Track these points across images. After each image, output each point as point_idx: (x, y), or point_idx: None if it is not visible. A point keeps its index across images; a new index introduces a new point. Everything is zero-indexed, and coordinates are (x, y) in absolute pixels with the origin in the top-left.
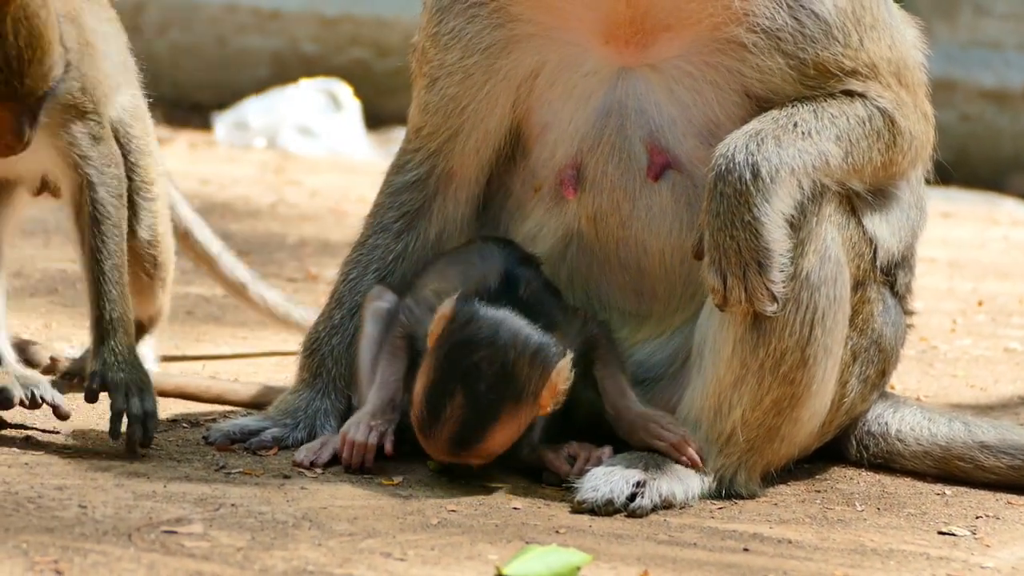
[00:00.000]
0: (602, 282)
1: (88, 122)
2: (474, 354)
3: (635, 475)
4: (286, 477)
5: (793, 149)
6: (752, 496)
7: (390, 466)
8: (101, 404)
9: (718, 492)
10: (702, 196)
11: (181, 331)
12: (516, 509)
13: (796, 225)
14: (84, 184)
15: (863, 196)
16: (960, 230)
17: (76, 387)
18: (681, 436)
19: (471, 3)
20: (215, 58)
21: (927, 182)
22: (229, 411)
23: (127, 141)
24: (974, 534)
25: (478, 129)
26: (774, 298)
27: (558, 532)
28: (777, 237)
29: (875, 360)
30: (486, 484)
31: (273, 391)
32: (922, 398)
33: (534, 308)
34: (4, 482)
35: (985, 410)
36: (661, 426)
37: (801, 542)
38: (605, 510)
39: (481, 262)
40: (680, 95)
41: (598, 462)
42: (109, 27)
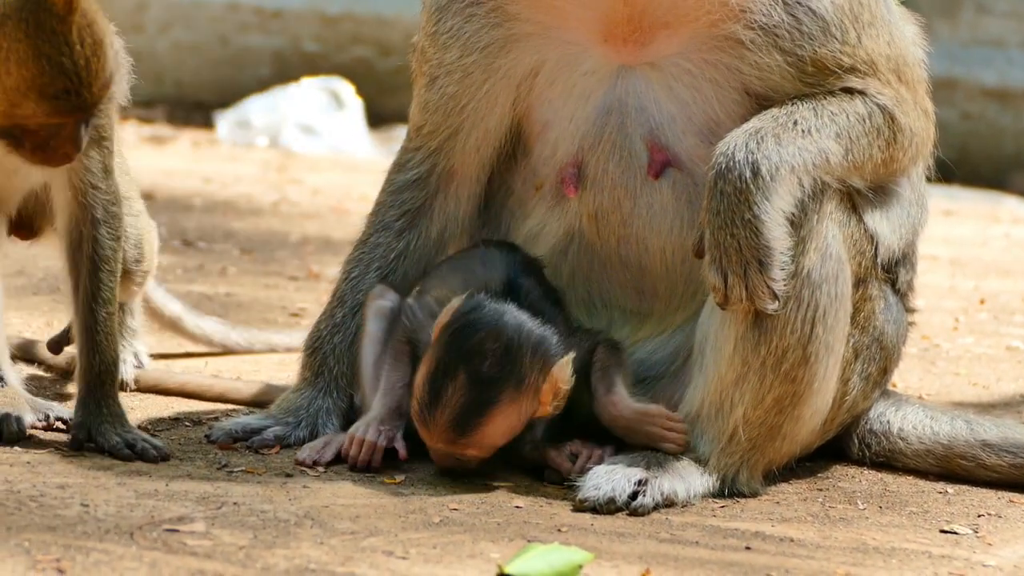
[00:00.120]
0: (603, 280)
1: (103, 150)
2: (477, 335)
3: (637, 473)
4: (288, 476)
5: (793, 147)
6: (754, 494)
7: (392, 465)
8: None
9: (720, 490)
10: (702, 194)
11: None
12: (518, 507)
13: (797, 223)
14: (88, 219)
15: (864, 193)
16: (962, 228)
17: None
18: (680, 431)
19: (468, 2)
20: (217, 57)
21: (928, 179)
22: (231, 410)
23: None
24: (976, 532)
25: (478, 127)
26: (775, 296)
27: (560, 530)
28: (778, 235)
29: (877, 358)
30: (488, 483)
31: (275, 389)
32: (924, 396)
33: (536, 315)
34: (6, 480)
35: (987, 408)
36: (657, 425)
37: (803, 540)
38: (607, 508)
39: (483, 269)
40: (680, 93)
41: (600, 460)
42: None
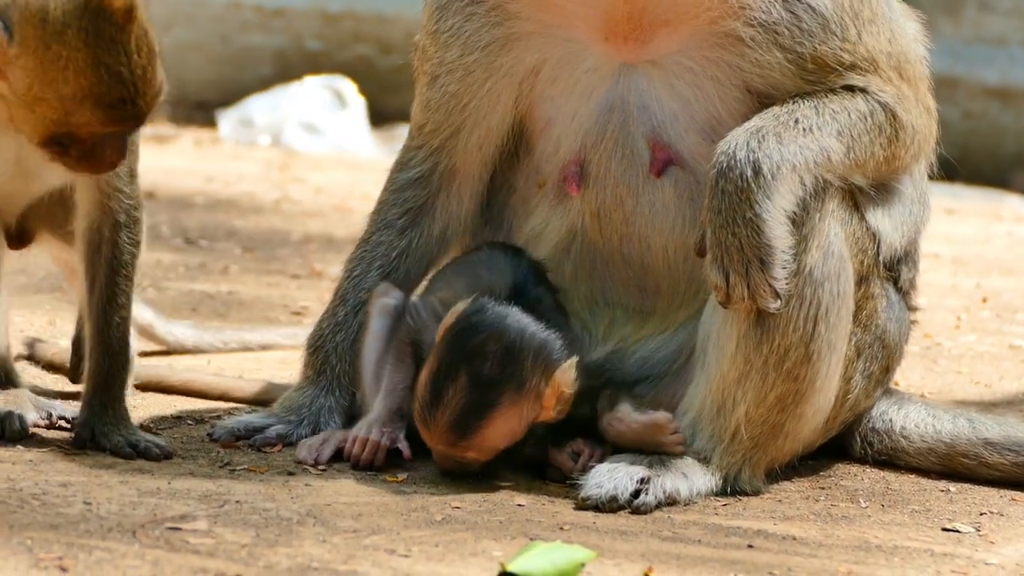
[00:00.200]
0: (606, 278)
1: (131, 154)
2: (479, 337)
3: (639, 472)
4: (291, 474)
5: (794, 145)
6: (756, 493)
7: (394, 463)
8: None
9: (722, 489)
10: (704, 192)
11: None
12: (520, 506)
13: (799, 221)
14: (110, 223)
15: (866, 191)
16: (964, 226)
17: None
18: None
19: (469, 1)
20: (219, 55)
21: (930, 177)
22: (233, 408)
23: None
24: (978, 531)
25: (480, 126)
26: (777, 295)
27: (562, 529)
28: (779, 234)
29: (879, 356)
30: (490, 481)
31: (278, 388)
32: (926, 395)
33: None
34: (8, 479)
35: (989, 407)
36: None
37: (805, 539)
38: (609, 507)
39: (488, 272)
40: (681, 90)
41: (602, 459)
42: None
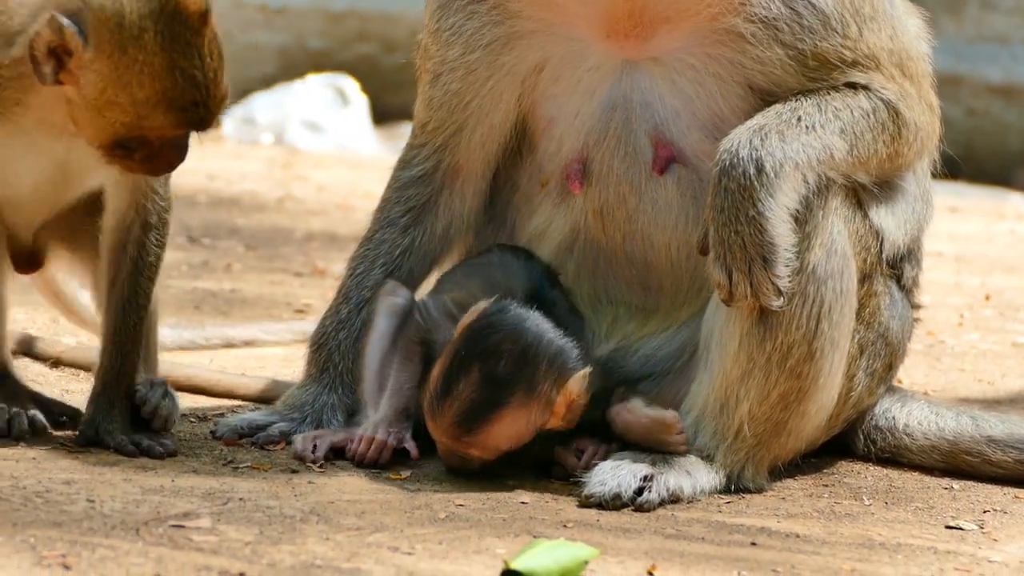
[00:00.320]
0: (609, 276)
1: None
2: (496, 336)
3: (642, 469)
4: (294, 472)
5: (797, 143)
6: (759, 490)
7: (398, 461)
8: None
9: (726, 486)
10: (707, 190)
11: (188, 325)
12: (524, 503)
13: (802, 219)
14: (140, 223)
15: (869, 189)
16: (967, 224)
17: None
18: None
19: (469, 0)
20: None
21: (934, 175)
22: (236, 405)
23: None
24: (981, 528)
25: (483, 124)
26: (779, 293)
27: (566, 526)
28: (781, 232)
29: (882, 354)
30: (494, 479)
31: (281, 385)
32: (929, 392)
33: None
34: (12, 476)
35: (992, 404)
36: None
37: (809, 536)
38: (613, 504)
39: (502, 273)
40: (684, 88)
41: (606, 456)
42: None
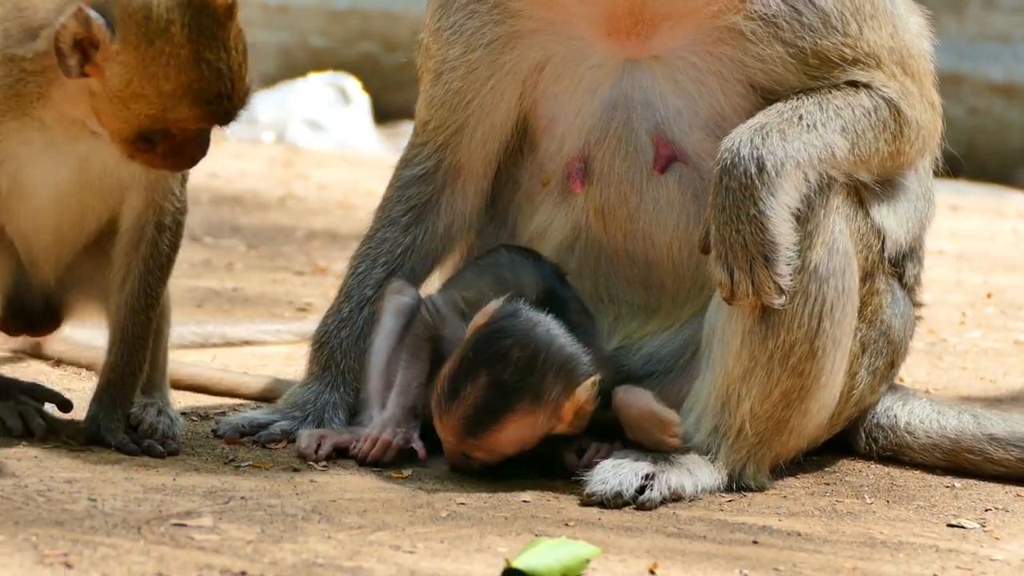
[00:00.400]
0: (611, 275)
1: None
2: (505, 341)
3: (644, 468)
4: (295, 470)
5: (798, 142)
6: (761, 489)
7: (400, 459)
8: None
9: (727, 485)
10: (708, 189)
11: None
12: (525, 502)
13: (803, 217)
14: (153, 222)
15: (871, 187)
16: (968, 223)
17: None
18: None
19: None
20: None
21: (936, 174)
22: (238, 404)
23: None
24: (983, 527)
25: (484, 123)
26: (781, 291)
27: (567, 525)
28: (783, 230)
29: (884, 352)
30: (495, 477)
31: (283, 384)
32: (931, 391)
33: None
34: (14, 475)
35: (994, 402)
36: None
37: (810, 535)
38: (614, 503)
39: (512, 274)
40: (685, 86)
41: (607, 455)
42: None
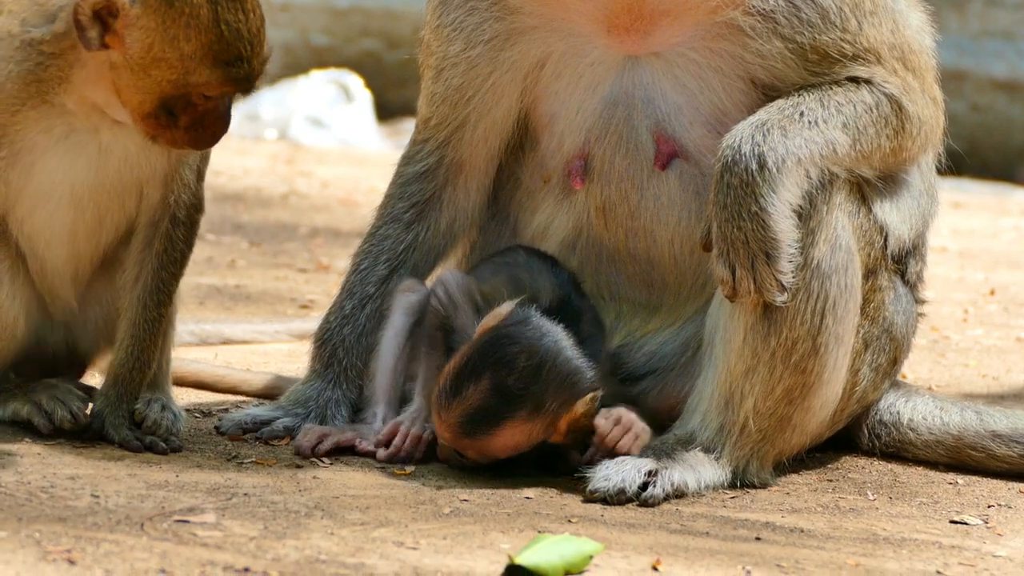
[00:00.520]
0: (612, 273)
1: (203, 158)
2: (513, 348)
3: (647, 464)
4: (298, 467)
5: (800, 139)
6: (764, 485)
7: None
8: None
9: (731, 481)
10: (709, 186)
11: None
12: (528, 498)
13: (805, 214)
14: (168, 218)
15: (873, 183)
16: (971, 220)
17: None
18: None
19: None
20: None
21: (938, 170)
22: (240, 401)
23: None
24: (986, 523)
25: (485, 119)
26: (783, 288)
27: (570, 521)
28: (784, 227)
29: (886, 348)
30: (498, 474)
31: (285, 381)
32: (934, 387)
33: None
34: (17, 472)
35: (997, 399)
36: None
37: (813, 531)
38: (617, 499)
39: (528, 275)
40: (686, 83)
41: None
42: None
